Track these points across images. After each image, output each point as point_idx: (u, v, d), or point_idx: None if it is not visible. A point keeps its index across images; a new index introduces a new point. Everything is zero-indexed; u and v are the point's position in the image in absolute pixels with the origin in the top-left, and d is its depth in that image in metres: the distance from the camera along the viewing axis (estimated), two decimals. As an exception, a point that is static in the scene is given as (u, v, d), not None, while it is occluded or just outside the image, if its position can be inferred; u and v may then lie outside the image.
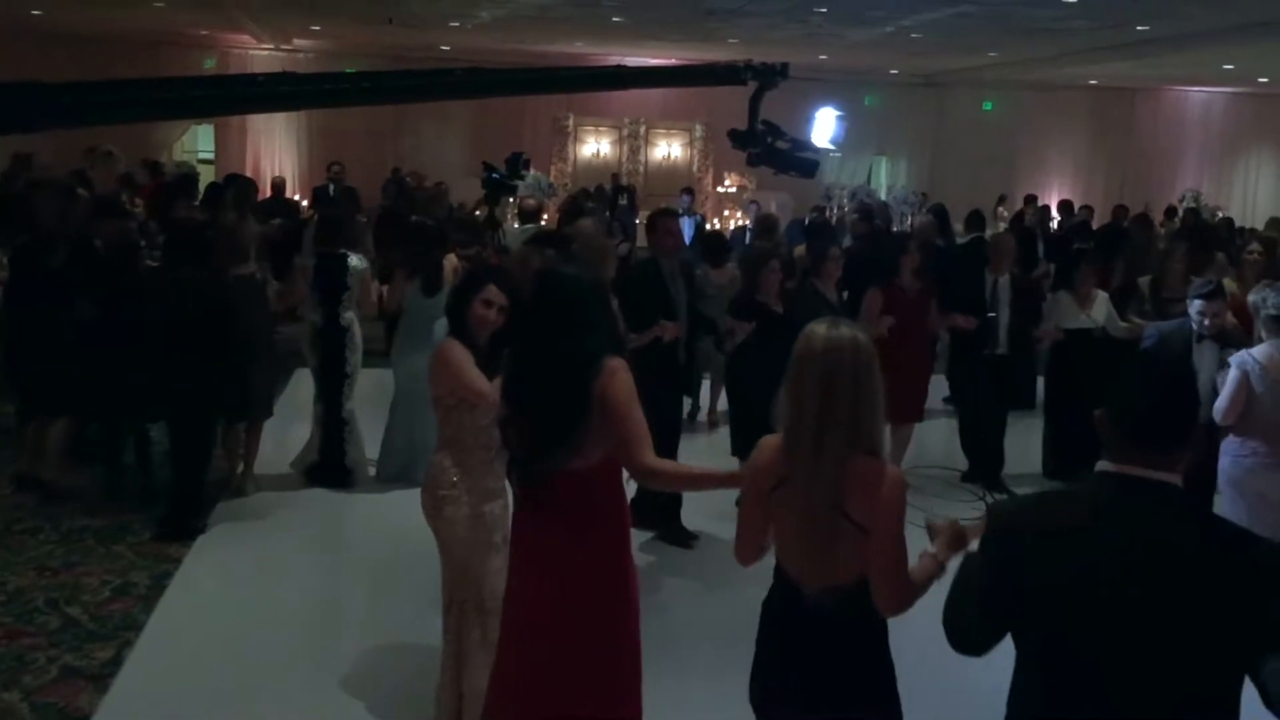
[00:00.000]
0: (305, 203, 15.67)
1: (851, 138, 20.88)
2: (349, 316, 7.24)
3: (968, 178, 19.84)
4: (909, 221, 15.99)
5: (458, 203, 13.64)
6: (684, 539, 6.52)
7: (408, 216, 10.66)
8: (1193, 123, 22.34)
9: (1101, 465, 2.35)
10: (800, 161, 4.93)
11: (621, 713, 3.39)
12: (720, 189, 19.86)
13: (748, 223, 15.01)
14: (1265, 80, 19.40)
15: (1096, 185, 21.11)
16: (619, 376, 3.27)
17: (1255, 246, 8.97)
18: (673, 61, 17.58)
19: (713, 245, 9.33)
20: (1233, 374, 5.26)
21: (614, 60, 18.38)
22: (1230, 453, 5.33)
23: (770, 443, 2.93)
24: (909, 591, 2.76)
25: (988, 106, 21.58)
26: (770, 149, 4.87)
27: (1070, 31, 13.71)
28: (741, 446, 6.68)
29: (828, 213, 17.30)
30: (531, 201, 10.61)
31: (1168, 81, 21.10)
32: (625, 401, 3.26)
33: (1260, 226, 13.80)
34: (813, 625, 2.83)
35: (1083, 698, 2.29)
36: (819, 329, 2.83)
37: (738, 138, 4.96)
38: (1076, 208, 15.50)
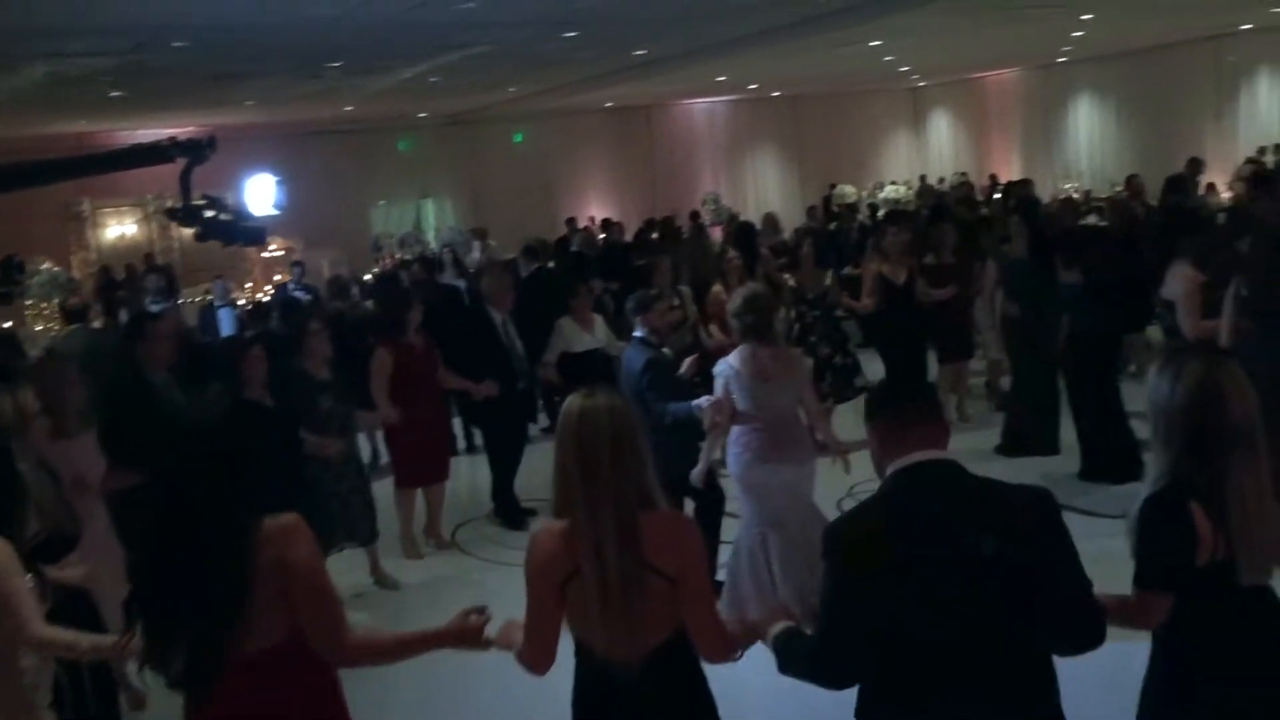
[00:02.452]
0: None
1: (394, 184, 21.03)
2: None
3: (513, 209, 20.39)
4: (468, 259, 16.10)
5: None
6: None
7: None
8: (702, 132, 24.29)
9: (892, 464, 2.63)
10: (246, 231, 4.93)
11: None
12: (265, 254, 19.06)
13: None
14: (754, 86, 21.53)
15: (632, 200, 22.39)
16: (297, 537, 2.74)
17: (733, 253, 9.47)
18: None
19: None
20: (718, 383, 5.67)
21: (124, 137, 17.14)
22: (732, 451, 5.69)
23: (549, 531, 2.80)
24: (730, 635, 2.85)
25: (518, 138, 22.28)
26: (212, 222, 4.77)
27: (578, 61, 14.44)
28: None
29: (381, 264, 17.12)
30: (76, 300, 9.76)
31: (675, 96, 22.82)
32: (312, 569, 2.76)
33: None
34: (637, 696, 2.77)
35: (920, 690, 2.46)
36: (575, 400, 2.81)
37: (175, 215, 4.85)
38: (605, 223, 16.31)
